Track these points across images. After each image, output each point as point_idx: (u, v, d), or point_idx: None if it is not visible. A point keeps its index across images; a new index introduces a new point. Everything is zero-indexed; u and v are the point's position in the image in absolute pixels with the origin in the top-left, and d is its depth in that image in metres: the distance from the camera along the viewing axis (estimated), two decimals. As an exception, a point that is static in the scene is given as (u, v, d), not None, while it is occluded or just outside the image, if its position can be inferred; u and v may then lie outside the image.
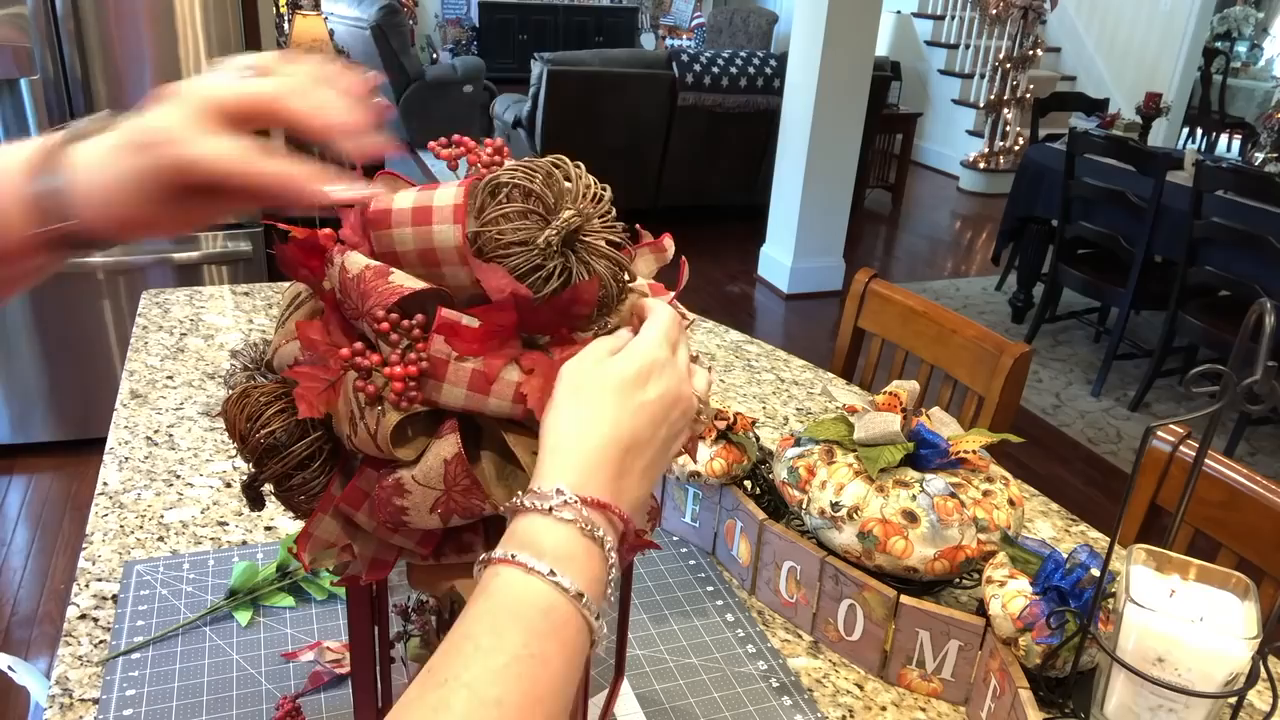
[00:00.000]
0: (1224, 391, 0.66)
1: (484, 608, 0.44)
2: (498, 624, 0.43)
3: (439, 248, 0.51)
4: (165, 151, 0.47)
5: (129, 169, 0.47)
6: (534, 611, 0.44)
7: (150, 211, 0.48)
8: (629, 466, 0.49)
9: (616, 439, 0.49)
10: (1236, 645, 0.68)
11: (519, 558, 0.45)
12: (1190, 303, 3.28)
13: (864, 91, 4.12)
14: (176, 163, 0.47)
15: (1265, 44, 7.52)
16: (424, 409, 0.51)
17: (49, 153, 0.48)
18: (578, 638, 0.45)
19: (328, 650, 0.85)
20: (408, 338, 0.50)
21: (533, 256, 0.50)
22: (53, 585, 2.22)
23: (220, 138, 0.47)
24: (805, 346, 3.90)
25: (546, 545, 0.45)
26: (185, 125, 0.47)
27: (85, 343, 2.62)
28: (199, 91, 0.48)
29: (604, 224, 0.53)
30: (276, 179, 0.47)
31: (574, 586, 0.45)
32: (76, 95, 2.37)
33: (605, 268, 0.53)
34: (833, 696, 0.87)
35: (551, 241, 0.50)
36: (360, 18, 5.64)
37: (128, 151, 0.47)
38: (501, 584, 0.45)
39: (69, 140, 0.49)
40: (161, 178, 0.47)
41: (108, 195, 0.48)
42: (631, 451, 0.49)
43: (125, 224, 0.49)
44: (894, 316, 1.56)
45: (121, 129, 0.48)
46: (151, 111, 0.48)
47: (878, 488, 0.88)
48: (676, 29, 8.98)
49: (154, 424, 1.22)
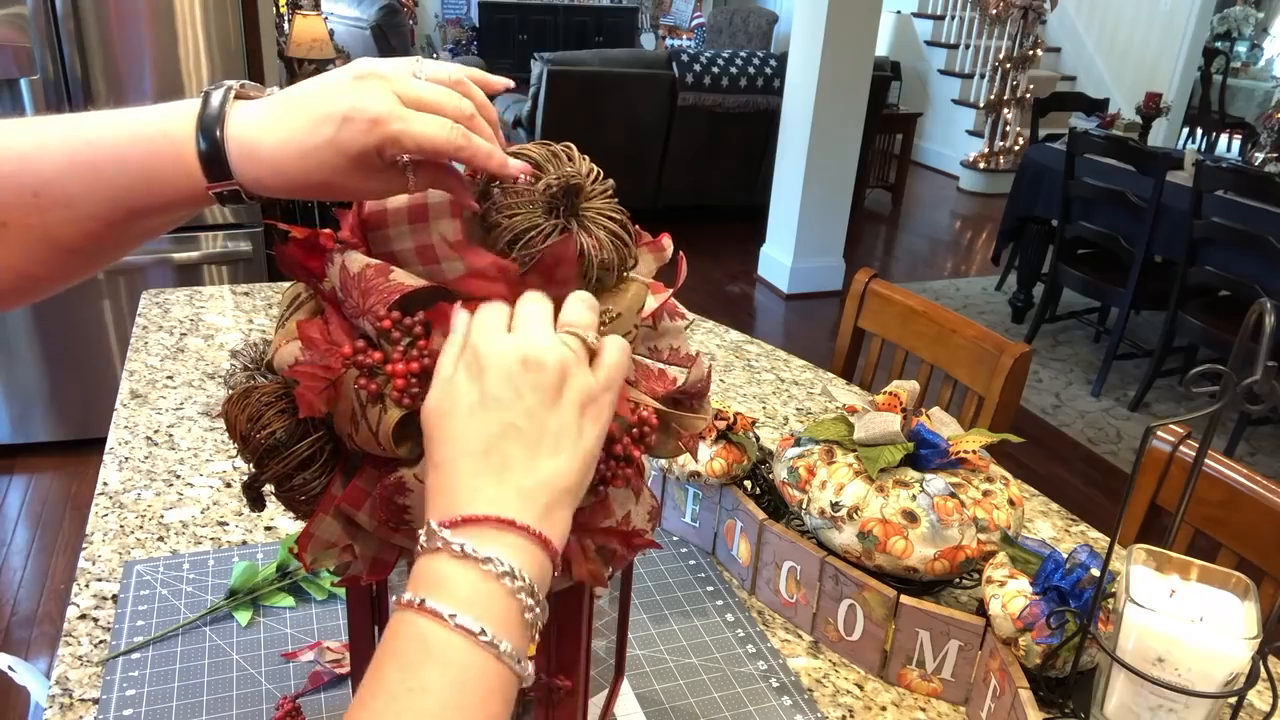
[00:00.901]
0: (1224, 391, 0.66)
1: (394, 651, 0.43)
2: (378, 664, 0.42)
3: (437, 243, 0.52)
4: (384, 126, 0.49)
5: (328, 138, 0.49)
6: (406, 644, 0.42)
7: (338, 179, 0.50)
8: (509, 456, 0.46)
9: (483, 435, 0.46)
10: (1236, 645, 0.68)
11: (429, 603, 0.43)
12: (1190, 303, 3.28)
13: (864, 91, 4.12)
14: (395, 136, 0.49)
15: (1265, 44, 7.53)
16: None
17: (217, 108, 0.50)
18: (496, 686, 0.42)
19: (328, 650, 0.85)
20: (409, 335, 0.50)
21: (534, 213, 0.52)
22: (53, 585, 2.22)
23: (430, 116, 0.50)
24: (805, 346, 3.90)
25: (430, 577, 0.43)
26: (395, 103, 0.50)
27: (85, 343, 2.62)
28: (398, 83, 0.51)
29: (605, 201, 0.55)
30: (477, 154, 0.51)
31: (482, 625, 0.42)
32: (76, 95, 2.37)
33: (607, 234, 0.54)
34: (833, 696, 0.87)
35: (551, 185, 0.52)
36: (360, 18, 5.64)
37: (329, 122, 0.49)
38: (409, 631, 0.43)
39: (230, 98, 0.51)
40: (369, 148, 0.49)
41: (284, 157, 0.50)
42: (508, 435, 0.46)
43: (299, 186, 0.51)
44: (894, 316, 1.56)
45: (301, 97, 0.51)
46: (350, 88, 0.50)
47: (878, 488, 0.88)
48: (676, 29, 8.97)
49: (154, 424, 1.22)
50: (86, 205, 0.50)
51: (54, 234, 0.50)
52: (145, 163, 0.50)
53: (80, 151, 0.49)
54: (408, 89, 0.51)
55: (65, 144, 0.50)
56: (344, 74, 0.51)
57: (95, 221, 0.51)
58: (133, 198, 0.50)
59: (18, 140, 0.50)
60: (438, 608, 0.42)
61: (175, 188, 0.51)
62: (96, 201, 0.50)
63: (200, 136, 0.50)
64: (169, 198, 0.51)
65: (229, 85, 0.51)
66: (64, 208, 0.50)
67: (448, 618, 0.42)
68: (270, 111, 0.51)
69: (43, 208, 0.50)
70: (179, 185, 0.50)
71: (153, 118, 0.51)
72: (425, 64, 0.54)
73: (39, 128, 0.50)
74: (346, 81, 0.51)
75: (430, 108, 0.51)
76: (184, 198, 0.51)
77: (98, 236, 0.52)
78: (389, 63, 0.53)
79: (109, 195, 0.50)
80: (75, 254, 0.52)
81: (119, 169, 0.50)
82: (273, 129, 0.50)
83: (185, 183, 0.50)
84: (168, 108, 0.51)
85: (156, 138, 0.50)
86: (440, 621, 0.42)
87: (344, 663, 0.84)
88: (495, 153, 0.52)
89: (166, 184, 0.50)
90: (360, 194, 0.52)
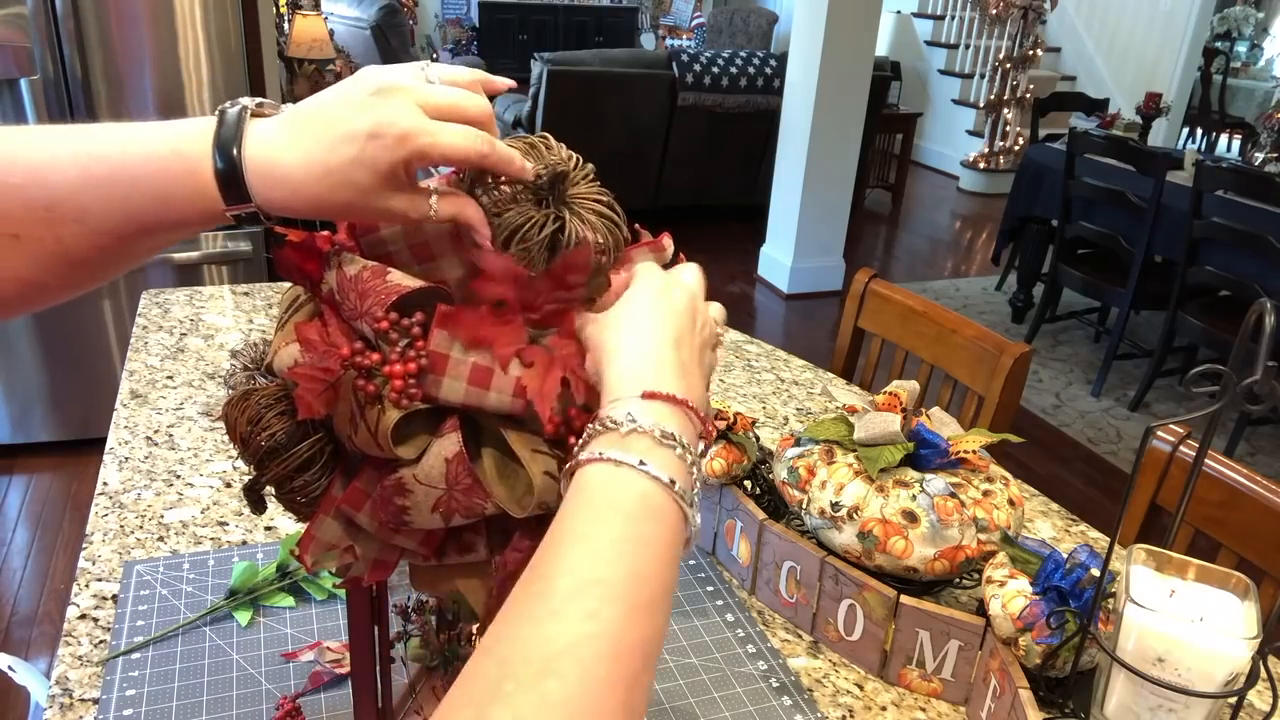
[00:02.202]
0: (1224, 391, 0.66)
1: (578, 503, 0.44)
2: (595, 514, 0.44)
3: (432, 240, 0.52)
4: (413, 140, 0.49)
5: (352, 156, 0.49)
6: (629, 499, 0.44)
7: (360, 199, 0.50)
8: (683, 360, 0.51)
9: (665, 337, 0.51)
10: (1236, 645, 0.68)
11: (607, 454, 0.45)
12: (1190, 303, 3.28)
13: (864, 91, 4.12)
14: (424, 149, 0.49)
15: (1265, 44, 7.52)
16: (424, 406, 0.51)
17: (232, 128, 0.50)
18: (675, 526, 0.45)
19: (328, 650, 0.85)
20: (407, 336, 0.50)
21: (525, 207, 0.53)
22: (53, 585, 2.22)
23: (456, 126, 0.50)
24: (805, 346, 3.90)
25: (631, 447, 0.46)
26: (422, 116, 0.50)
27: (85, 343, 2.62)
28: (419, 94, 0.50)
29: (589, 185, 0.56)
30: (500, 160, 0.52)
31: (665, 474, 0.45)
32: (76, 95, 2.37)
33: (598, 218, 0.55)
34: (833, 696, 0.87)
35: (541, 175, 0.53)
36: (360, 18, 5.64)
37: (353, 141, 0.49)
38: (592, 480, 0.45)
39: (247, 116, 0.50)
40: (397, 164, 0.49)
41: (305, 177, 0.49)
42: (680, 344, 0.51)
43: (319, 207, 0.50)
44: (894, 316, 1.56)
45: (320, 114, 0.50)
46: (373, 104, 0.49)
47: (878, 488, 0.88)
48: (676, 29, 8.97)
49: (154, 424, 1.22)
50: (98, 220, 0.50)
51: (66, 247, 0.50)
52: (157, 181, 0.49)
53: (91, 168, 0.49)
54: (428, 98, 0.50)
55: (76, 159, 0.49)
56: (360, 89, 0.51)
57: (107, 236, 0.50)
58: (145, 216, 0.50)
59: (29, 153, 0.49)
60: (659, 474, 0.45)
61: (189, 207, 0.50)
62: (108, 217, 0.50)
63: (217, 155, 0.49)
64: (182, 217, 0.51)
65: (244, 103, 0.51)
66: (76, 222, 0.49)
67: (668, 484, 0.45)
68: (288, 130, 0.50)
69: (55, 221, 0.49)
70: (193, 205, 0.50)
71: (166, 135, 0.50)
72: (433, 68, 0.53)
73: (50, 140, 0.50)
74: (366, 97, 0.50)
75: (453, 113, 0.51)
76: (197, 217, 0.51)
77: (109, 250, 0.51)
78: (400, 71, 0.52)
79: (121, 212, 0.50)
80: (86, 266, 0.52)
81: (131, 187, 0.49)
82: (292, 148, 0.49)
83: (199, 203, 0.50)
84: (182, 125, 0.51)
85: (169, 157, 0.49)
86: (663, 487, 0.45)
87: (344, 663, 0.84)
88: (515, 157, 0.52)
89: (180, 203, 0.50)
90: (381, 215, 0.52)
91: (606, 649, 0.39)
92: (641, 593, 0.42)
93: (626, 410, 0.47)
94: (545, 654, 0.38)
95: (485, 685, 0.38)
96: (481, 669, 0.39)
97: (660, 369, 0.50)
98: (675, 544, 0.45)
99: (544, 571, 0.42)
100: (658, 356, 0.50)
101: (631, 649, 0.40)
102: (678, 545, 0.46)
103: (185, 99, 2.49)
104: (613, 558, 0.42)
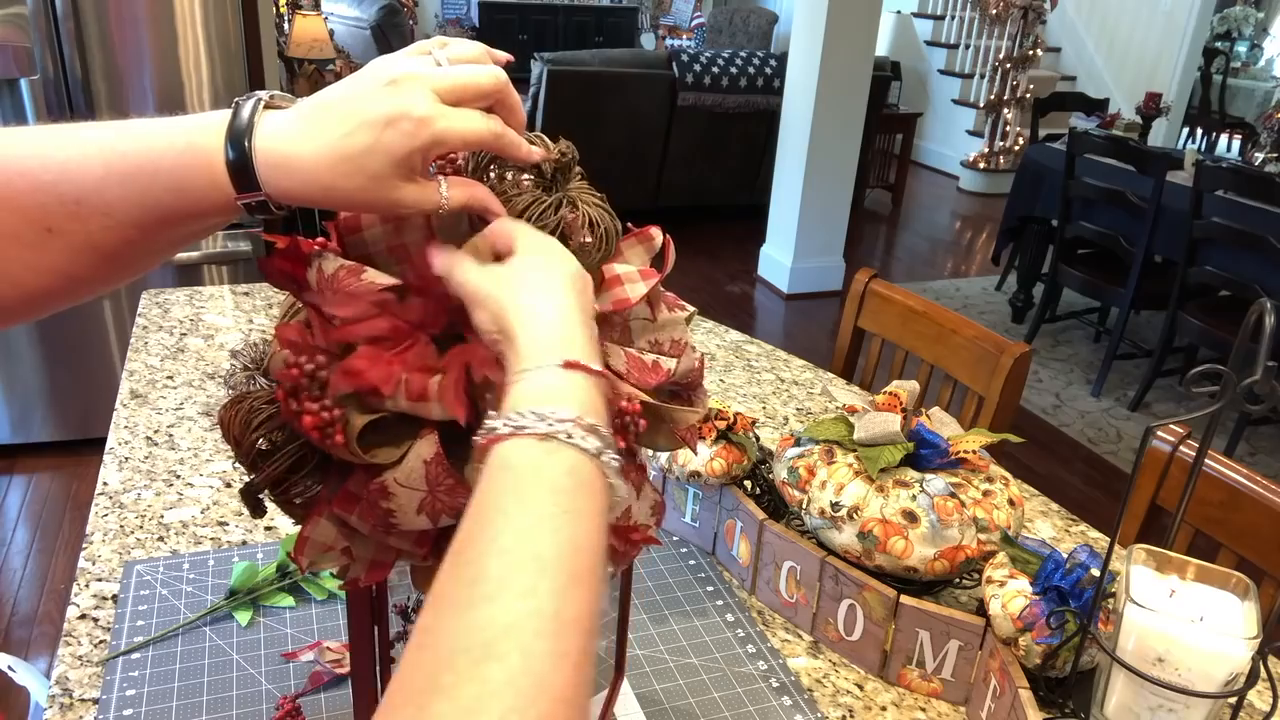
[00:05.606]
0: (1224, 391, 0.66)
1: (502, 481, 0.43)
2: (522, 491, 0.43)
3: (409, 242, 0.54)
4: (430, 126, 0.49)
5: (368, 144, 0.49)
6: (558, 473, 0.43)
7: (372, 187, 0.50)
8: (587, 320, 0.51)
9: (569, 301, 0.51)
10: (1236, 645, 0.68)
11: (530, 429, 0.44)
12: (1190, 303, 3.28)
13: (864, 91, 4.11)
14: (440, 135, 0.50)
15: (1265, 44, 7.52)
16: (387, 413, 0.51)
17: (246, 119, 0.50)
18: (603, 495, 0.45)
19: (328, 650, 0.85)
20: (317, 383, 0.50)
21: (537, 191, 0.56)
22: (53, 585, 2.22)
23: (469, 111, 0.51)
24: (805, 346, 3.90)
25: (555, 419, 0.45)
26: (436, 102, 0.50)
27: (85, 343, 2.62)
28: (433, 80, 0.51)
29: (580, 181, 0.58)
30: (510, 143, 0.53)
31: (591, 445, 0.44)
32: (76, 95, 2.37)
33: (596, 208, 0.57)
34: (833, 696, 0.87)
35: (550, 162, 0.55)
36: (360, 18, 5.64)
37: (370, 128, 0.49)
38: (513, 455, 0.44)
39: (260, 108, 0.51)
40: (414, 151, 0.50)
41: (318, 166, 0.50)
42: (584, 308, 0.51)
43: (329, 197, 0.51)
44: (894, 316, 1.56)
45: (333, 104, 0.50)
46: (388, 92, 0.50)
47: (878, 488, 0.88)
48: (676, 29, 8.97)
49: (154, 424, 1.22)
50: (125, 214, 0.51)
51: (95, 240, 0.51)
52: (175, 173, 0.50)
53: (115, 163, 0.50)
54: (442, 83, 0.51)
55: (101, 154, 0.50)
56: (373, 78, 0.51)
57: (132, 229, 0.51)
58: (164, 208, 0.51)
59: (57, 150, 0.51)
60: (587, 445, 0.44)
61: (204, 198, 0.51)
62: (132, 210, 0.51)
63: (229, 146, 0.50)
64: (199, 208, 0.52)
65: (259, 96, 0.51)
66: (104, 216, 0.51)
67: (594, 455, 0.44)
68: (301, 121, 0.50)
69: (84, 216, 0.50)
70: (208, 196, 0.51)
71: (185, 127, 0.51)
72: (440, 50, 0.53)
73: (79, 137, 0.51)
74: (380, 87, 0.50)
75: (468, 90, 0.51)
76: (214, 208, 0.51)
77: (135, 243, 0.52)
78: (409, 58, 0.52)
79: (143, 205, 0.51)
80: (115, 259, 0.53)
81: (152, 180, 0.50)
82: (306, 139, 0.50)
83: (215, 193, 0.51)
84: (199, 118, 0.52)
85: (186, 150, 0.50)
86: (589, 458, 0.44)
87: (344, 663, 0.84)
88: (522, 142, 0.54)
89: (196, 194, 0.51)
90: (391, 206, 0.52)
91: (547, 626, 0.38)
92: (578, 564, 0.41)
93: (546, 381, 0.46)
94: (483, 639, 0.37)
95: (422, 680, 0.36)
96: (417, 663, 0.37)
97: (571, 333, 0.49)
98: (604, 513, 0.45)
99: (471, 556, 0.41)
100: (566, 320, 0.49)
101: (572, 622, 0.39)
102: (606, 514, 0.45)
103: (185, 99, 2.48)
104: (546, 533, 0.41)
